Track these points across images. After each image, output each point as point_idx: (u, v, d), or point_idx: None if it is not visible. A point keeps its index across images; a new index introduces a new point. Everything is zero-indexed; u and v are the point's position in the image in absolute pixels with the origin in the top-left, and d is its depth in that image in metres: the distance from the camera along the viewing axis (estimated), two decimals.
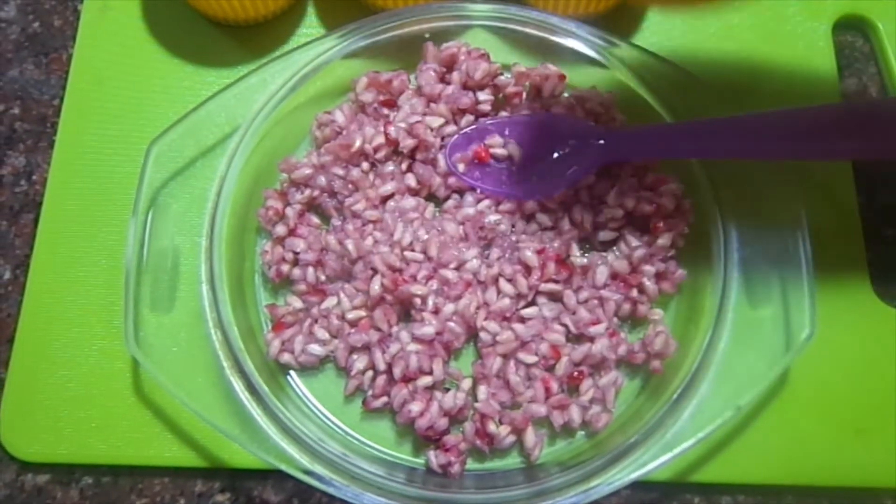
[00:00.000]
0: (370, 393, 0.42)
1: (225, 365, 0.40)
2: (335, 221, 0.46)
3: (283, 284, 0.45)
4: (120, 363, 0.44)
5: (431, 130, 0.46)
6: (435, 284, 0.43)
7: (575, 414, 0.42)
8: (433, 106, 0.47)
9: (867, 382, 0.44)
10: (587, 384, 0.42)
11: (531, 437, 0.41)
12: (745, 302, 0.42)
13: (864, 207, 0.49)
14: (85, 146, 0.49)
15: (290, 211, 0.45)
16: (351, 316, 0.43)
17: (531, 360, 0.42)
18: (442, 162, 0.46)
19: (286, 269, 0.45)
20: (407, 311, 0.43)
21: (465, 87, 0.47)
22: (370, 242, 0.43)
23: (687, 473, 0.42)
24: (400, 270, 0.43)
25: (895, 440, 0.43)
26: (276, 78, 0.45)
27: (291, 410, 0.40)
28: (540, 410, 0.42)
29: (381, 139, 0.45)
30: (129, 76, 0.51)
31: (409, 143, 0.46)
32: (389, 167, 0.46)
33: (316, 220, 0.46)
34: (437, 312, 0.42)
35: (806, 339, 0.40)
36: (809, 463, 0.43)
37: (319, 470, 0.38)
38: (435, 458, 0.41)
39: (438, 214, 0.46)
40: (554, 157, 0.45)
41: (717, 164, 0.44)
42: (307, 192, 0.46)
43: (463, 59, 0.47)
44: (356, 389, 0.42)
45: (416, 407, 0.41)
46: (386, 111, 0.47)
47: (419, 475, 0.41)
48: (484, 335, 0.42)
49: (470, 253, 0.43)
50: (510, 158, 0.45)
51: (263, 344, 0.43)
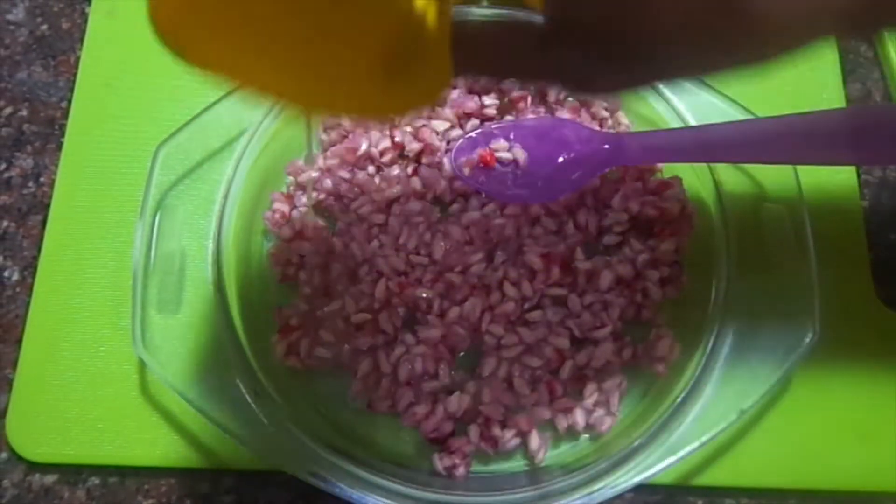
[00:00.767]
0: (375, 396, 0.42)
1: (232, 367, 0.40)
2: (341, 225, 0.46)
3: (289, 287, 0.46)
4: (127, 364, 0.45)
5: (437, 134, 0.46)
6: (440, 288, 0.43)
7: (579, 417, 0.42)
8: (439, 110, 0.47)
9: (871, 387, 0.44)
10: (591, 388, 0.42)
11: (535, 440, 0.42)
12: (748, 306, 0.42)
13: (868, 211, 0.49)
14: (92, 148, 0.49)
15: (296, 214, 0.46)
16: (356, 319, 0.43)
17: (536, 363, 0.42)
18: (447, 166, 0.46)
19: (292, 271, 0.45)
20: (412, 314, 0.44)
21: (470, 91, 0.47)
22: (376, 246, 0.44)
23: (690, 477, 0.43)
24: (405, 274, 0.43)
25: None
26: None
27: (297, 413, 0.41)
28: (544, 413, 0.42)
29: (386, 143, 0.46)
30: (136, 79, 0.51)
31: (414, 146, 0.46)
32: (395, 171, 0.46)
33: (322, 223, 0.46)
34: (442, 316, 0.42)
35: (809, 343, 0.40)
36: (813, 467, 0.43)
37: (325, 472, 0.38)
38: (440, 460, 0.41)
39: (444, 218, 0.46)
40: (559, 161, 0.45)
41: (721, 167, 0.44)
42: (313, 195, 0.46)
43: None
44: (361, 392, 0.42)
45: (421, 410, 0.41)
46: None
47: (424, 477, 0.41)
48: (489, 339, 0.42)
49: (475, 257, 0.43)
50: (515, 163, 0.46)
51: (270, 346, 0.44)
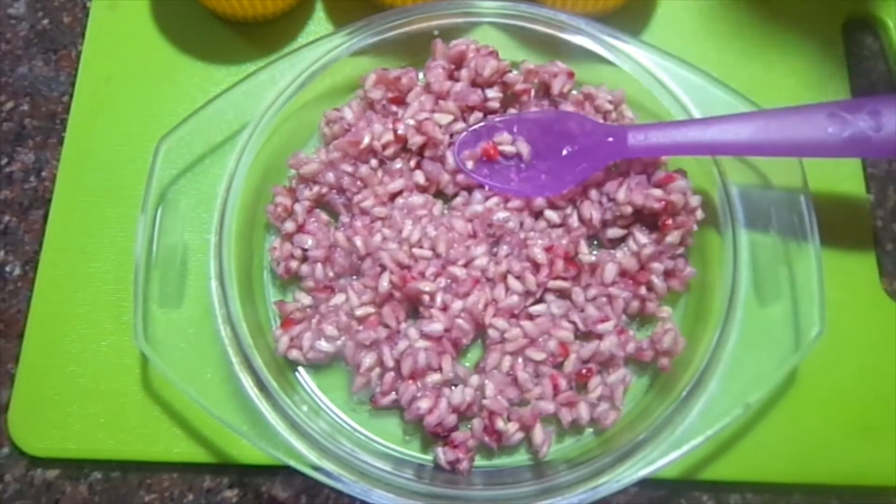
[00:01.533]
0: (378, 390, 0.42)
1: (234, 361, 0.40)
2: (344, 218, 0.46)
3: (291, 281, 0.45)
4: (129, 359, 0.44)
5: (440, 127, 0.46)
6: (443, 281, 0.43)
7: (583, 411, 0.42)
8: (442, 103, 0.47)
9: (876, 380, 0.44)
10: (595, 381, 0.42)
11: (539, 434, 0.41)
12: (754, 300, 0.42)
13: (873, 205, 0.49)
14: (94, 143, 0.49)
15: (298, 207, 0.45)
16: (359, 313, 0.43)
17: (539, 357, 0.42)
18: (450, 159, 0.46)
19: (295, 265, 0.45)
20: (415, 307, 0.43)
21: (473, 84, 0.47)
22: (379, 239, 0.43)
23: (695, 471, 0.42)
24: (408, 267, 0.43)
25: None
26: (284, 75, 0.45)
27: (300, 407, 0.40)
28: (548, 407, 0.41)
29: (389, 136, 0.45)
30: (137, 73, 0.51)
31: (417, 140, 0.46)
32: (398, 164, 0.46)
33: (325, 216, 0.46)
34: (445, 309, 0.42)
35: (815, 337, 0.40)
36: (818, 461, 0.43)
37: (328, 466, 0.38)
38: (443, 454, 0.41)
39: (447, 211, 0.46)
40: (563, 154, 0.45)
41: (725, 160, 0.44)
42: (316, 188, 0.46)
43: (472, 56, 0.47)
44: (364, 386, 0.42)
45: (424, 404, 0.41)
46: (394, 108, 0.47)
47: (427, 472, 0.41)
48: (492, 332, 0.42)
49: (478, 250, 0.43)
50: (519, 156, 0.45)
51: (272, 340, 0.43)
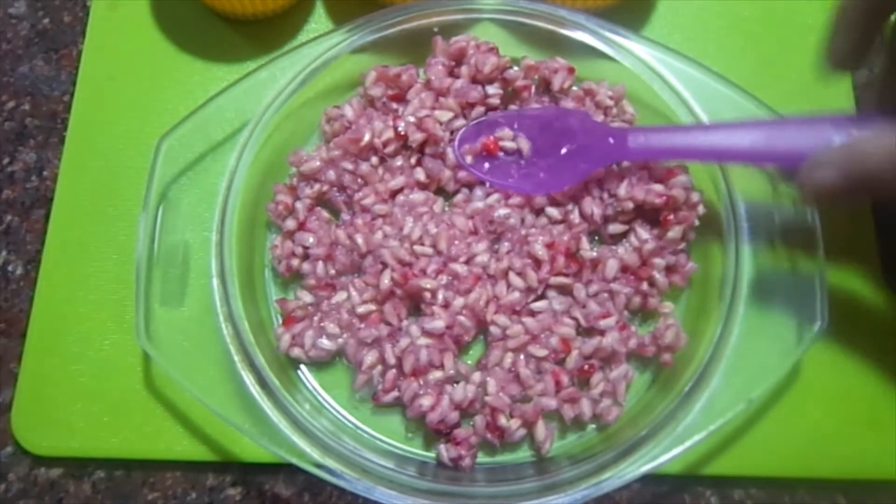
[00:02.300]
0: (380, 387, 0.42)
1: (236, 359, 0.40)
2: (345, 216, 0.46)
3: (293, 279, 0.45)
4: (131, 357, 0.44)
5: (440, 125, 0.46)
6: (444, 278, 0.43)
7: (585, 407, 0.42)
8: (442, 100, 0.46)
9: (879, 374, 0.44)
10: (598, 377, 0.42)
11: (542, 430, 0.41)
12: (756, 294, 0.41)
13: None
14: (95, 142, 0.49)
15: (299, 205, 0.45)
16: (361, 310, 0.43)
17: (541, 353, 0.42)
18: (451, 156, 0.45)
19: (296, 263, 0.45)
20: (417, 305, 0.43)
21: (474, 80, 0.47)
22: (380, 237, 0.43)
23: (698, 466, 0.42)
24: (409, 265, 0.43)
25: None
26: (285, 73, 0.45)
27: (302, 404, 0.40)
28: (550, 404, 0.41)
29: (390, 133, 0.45)
30: (138, 72, 0.51)
31: (418, 137, 0.46)
32: (398, 161, 0.46)
33: (326, 214, 0.46)
34: (446, 306, 0.42)
35: (818, 331, 0.40)
36: (822, 455, 0.43)
37: (330, 464, 0.38)
38: (446, 451, 0.41)
39: (448, 208, 0.46)
40: (563, 152, 0.44)
41: None
42: (317, 186, 0.46)
43: (472, 52, 0.47)
44: (366, 384, 0.42)
45: (426, 401, 0.41)
46: (395, 105, 0.47)
47: (430, 469, 0.41)
48: (494, 329, 0.42)
49: (479, 247, 0.43)
50: (519, 152, 0.45)
51: (274, 338, 0.43)
